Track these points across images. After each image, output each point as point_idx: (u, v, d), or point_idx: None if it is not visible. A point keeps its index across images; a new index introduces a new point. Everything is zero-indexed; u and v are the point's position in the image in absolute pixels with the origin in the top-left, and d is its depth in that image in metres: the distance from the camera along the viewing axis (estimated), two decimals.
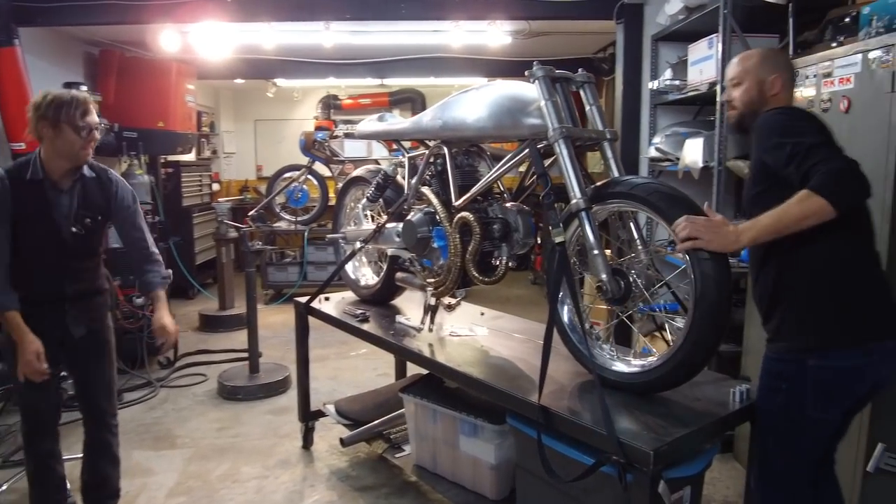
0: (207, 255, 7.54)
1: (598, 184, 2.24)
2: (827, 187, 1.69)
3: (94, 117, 2.52)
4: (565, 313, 2.34)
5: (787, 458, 1.94)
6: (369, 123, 3.42)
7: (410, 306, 3.42)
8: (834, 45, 2.80)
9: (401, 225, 2.95)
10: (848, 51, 2.56)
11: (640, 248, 2.21)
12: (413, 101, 8.95)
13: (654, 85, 4.28)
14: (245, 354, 4.70)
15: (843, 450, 2.45)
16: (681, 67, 4.03)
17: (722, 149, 3.29)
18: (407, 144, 3.26)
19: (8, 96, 4.35)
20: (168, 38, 5.13)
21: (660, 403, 2.07)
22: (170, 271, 2.85)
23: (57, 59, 5.33)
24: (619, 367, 2.18)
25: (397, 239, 3.00)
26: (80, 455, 2.81)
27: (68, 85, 4.93)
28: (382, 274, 3.39)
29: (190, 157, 7.68)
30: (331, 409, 3.59)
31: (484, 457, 2.66)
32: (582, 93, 2.44)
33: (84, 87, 4.98)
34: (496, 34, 5.28)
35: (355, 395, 3.78)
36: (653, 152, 4.14)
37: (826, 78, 2.69)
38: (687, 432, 1.87)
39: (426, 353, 2.71)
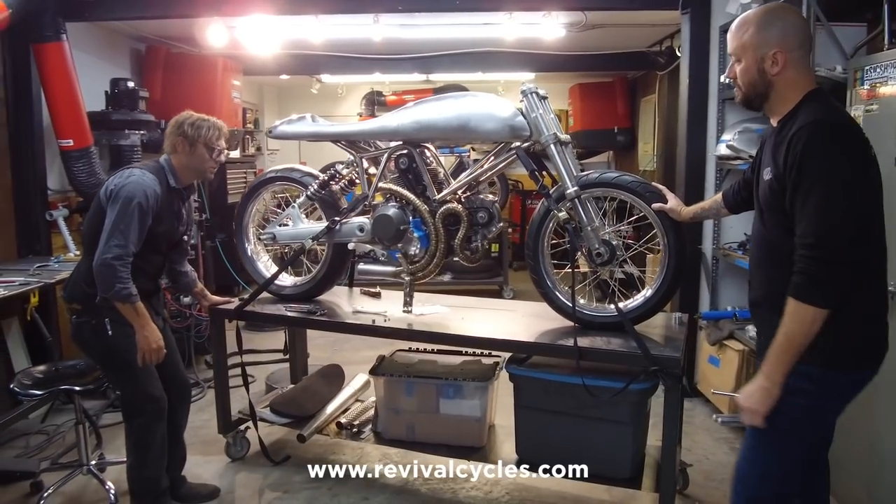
0: None
1: (577, 175, 2.70)
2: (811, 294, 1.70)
3: (224, 142, 2.83)
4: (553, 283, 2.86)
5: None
6: (300, 124, 3.27)
7: (340, 301, 3.46)
8: None
9: (364, 219, 3.12)
10: None
11: (605, 224, 2.71)
12: None
13: (723, 79, 4.02)
14: None
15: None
16: None
17: None
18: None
19: (55, 92, 4.27)
20: (215, 33, 5.02)
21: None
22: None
23: (103, 55, 5.29)
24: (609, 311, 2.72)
25: (360, 233, 3.13)
26: (123, 459, 2.81)
27: (115, 81, 4.90)
28: (321, 270, 3.36)
29: (234, 153, 7.63)
30: (266, 412, 3.50)
31: (469, 412, 2.98)
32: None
33: (131, 83, 4.94)
34: (551, 27, 5.05)
35: (284, 392, 3.69)
36: (723, 150, 3.88)
37: None
38: (683, 344, 2.57)
39: (434, 329, 2.92)
